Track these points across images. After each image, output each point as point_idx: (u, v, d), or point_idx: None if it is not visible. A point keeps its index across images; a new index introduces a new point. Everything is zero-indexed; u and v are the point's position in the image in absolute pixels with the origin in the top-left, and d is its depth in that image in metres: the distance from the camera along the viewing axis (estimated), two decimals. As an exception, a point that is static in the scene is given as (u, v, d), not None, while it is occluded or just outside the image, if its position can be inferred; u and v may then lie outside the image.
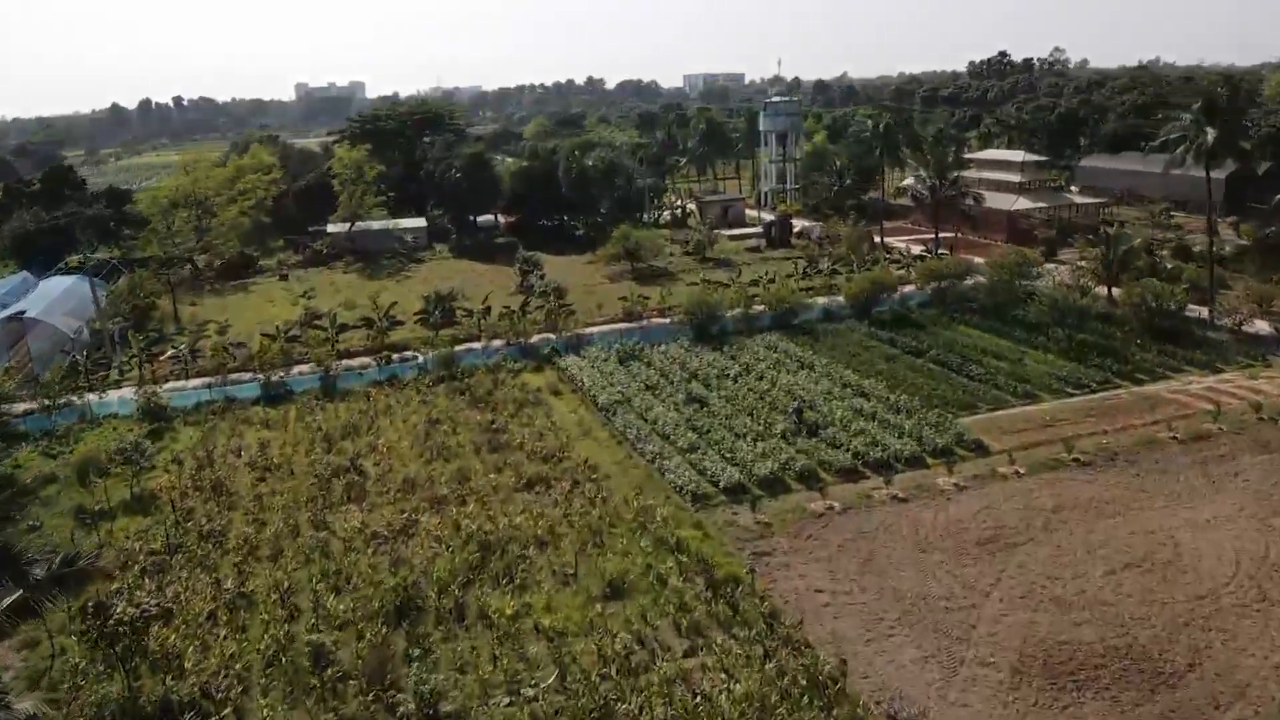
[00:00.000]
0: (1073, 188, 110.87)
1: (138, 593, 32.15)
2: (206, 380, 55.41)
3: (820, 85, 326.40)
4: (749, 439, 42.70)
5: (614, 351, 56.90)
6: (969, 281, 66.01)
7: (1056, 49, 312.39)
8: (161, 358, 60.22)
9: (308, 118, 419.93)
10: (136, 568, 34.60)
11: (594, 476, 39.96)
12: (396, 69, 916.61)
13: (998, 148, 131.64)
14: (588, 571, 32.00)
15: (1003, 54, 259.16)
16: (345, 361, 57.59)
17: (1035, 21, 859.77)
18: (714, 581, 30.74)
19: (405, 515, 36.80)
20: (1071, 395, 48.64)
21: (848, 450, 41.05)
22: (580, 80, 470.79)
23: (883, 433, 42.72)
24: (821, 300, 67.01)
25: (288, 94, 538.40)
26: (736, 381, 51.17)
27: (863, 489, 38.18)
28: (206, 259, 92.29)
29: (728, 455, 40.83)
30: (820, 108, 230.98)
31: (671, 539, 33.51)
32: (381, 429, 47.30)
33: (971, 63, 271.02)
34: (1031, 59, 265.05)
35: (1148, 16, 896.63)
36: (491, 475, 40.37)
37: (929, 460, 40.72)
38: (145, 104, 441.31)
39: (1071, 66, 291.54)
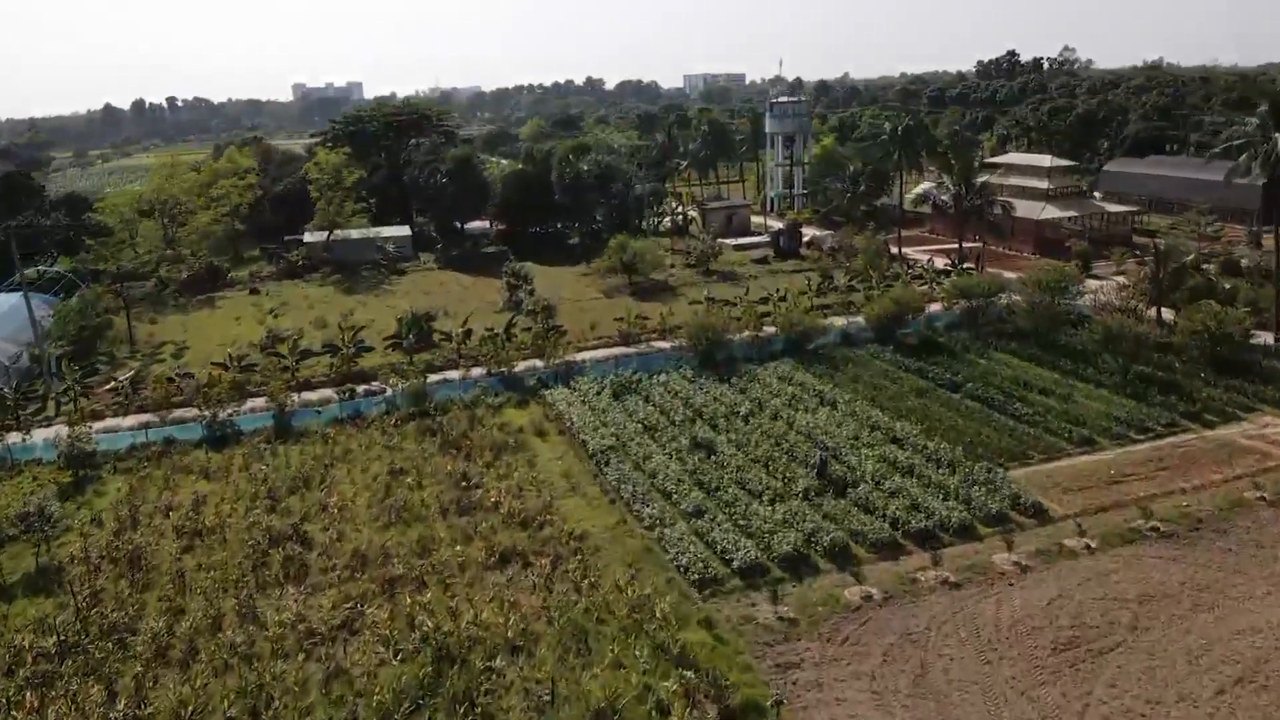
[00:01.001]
0: (1095, 193, 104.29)
1: (15, 713, 26.04)
2: (147, 418, 48.89)
3: (822, 85, 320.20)
4: (765, 499, 36.19)
5: (608, 383, 50.37)
6: (1002, 300, 59.50)
7: (1066, 48, 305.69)
8: (101, 389, 53.63)
9: (304, 118, 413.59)
10: (21, 674, 28.19)
11: (580, 549, 33.42)
12: (395, 69, 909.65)
13: (1015, 150, 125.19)
14: (569, 693, 25.44)
15: (1011, 53, 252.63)
16: (305, 395, 51.15)
17: (1036, 22, 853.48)
18: (729, 712, 24.22)
19: (350, 605, 30.26)
20: (1135, 441, 42.12)
21: (884, 516, 34.49)
22: (579, 80, 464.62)
23: (923, 492, 36.16)
24: (839, 321, 60.48)
25: (285, 95, 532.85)
26: (748, 422, 44.63)
27: (906, 569, 31.62)
28: (168, 271, 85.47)
29: (741, 522, 34.26)
30: (823, 108, 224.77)
31: (674, 645, 26.94)
32: (336, 481, 40.72)
33: (980, 62, 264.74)
34: (1041, 58, 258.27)
35: (1149, 17, 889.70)
36: (458, 547, 33.81)
37: (981, 529, 34.18)
38: (139, 104, 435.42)
39: (1077, 67, 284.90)
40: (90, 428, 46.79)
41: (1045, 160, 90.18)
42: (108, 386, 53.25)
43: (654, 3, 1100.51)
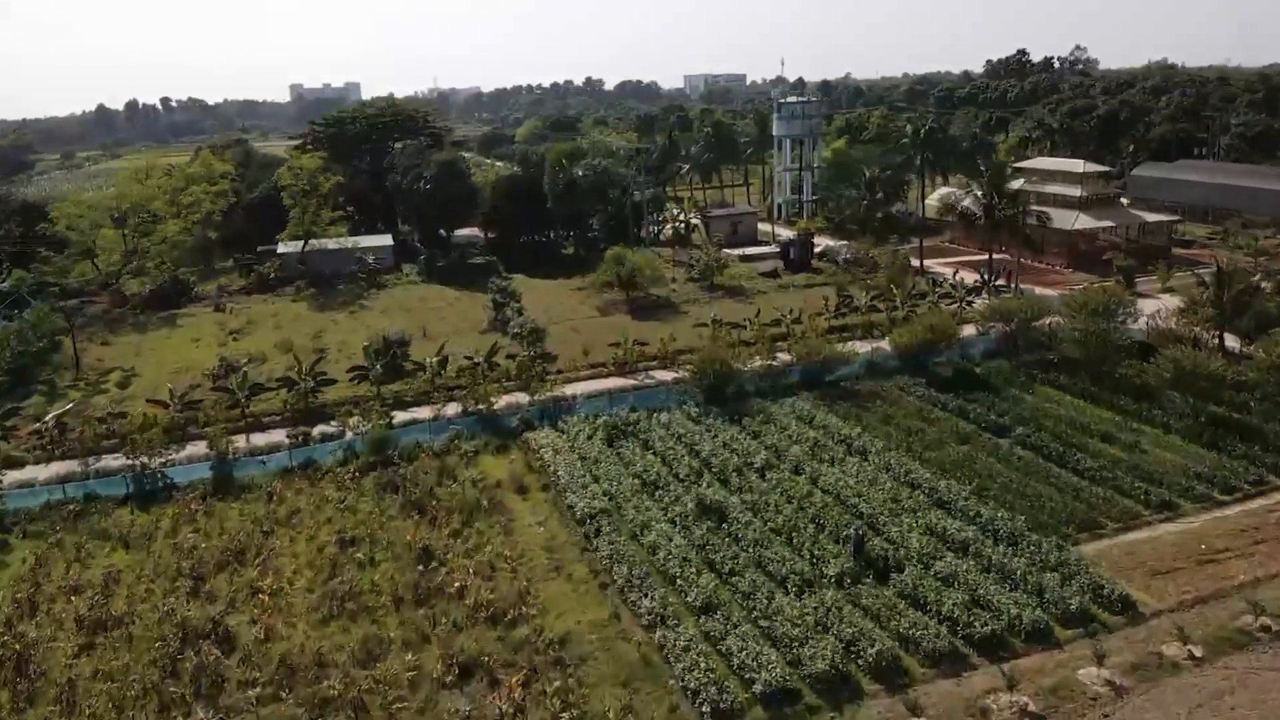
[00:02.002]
0: (1123, 200, 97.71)
1: None
2: (70, 467, 42.36)
3: (825, 86, 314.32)
4: (791, 586, 29.69)
5: (601, 425, 43.86)
6: (1047, 323, 53.00)
7: (1078, 47, 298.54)
8: (24, 431, 47.06)
9: (301, 120, 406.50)
10: None
11: (562, 658, 26.91)
12: (394, 69, 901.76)
13: (1037, 153, 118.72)
14: None
15: (1021, 52, 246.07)
16: (254, 438, 44.68)
17: (1038, 22, 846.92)
18: None
19: (267, 742, 23.84)
20: (1221, 504, 35.74)
21: (939, 615, 27.98)
22: (579, 81, 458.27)
23: (984, 579, 29.65)
24: (862, 348, 53.90)
25: (283, 95, 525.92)
26: (764, 476, 38.11)
27: (973, 693, 25.10)
28: (124, 285, 79.30)
29: (763, 623, 27.76)
30: (827, 109, 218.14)
31: (681, 819, 20.49)
32: (275, 553, 34.22)
33: (988, 61, 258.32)
34: (1052, 58, 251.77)
35: (1150, 17, 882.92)
36: (410, 655, 27.30)
37: (1059, 632, 27.68)
38: (132, 105, 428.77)
39: (1082, 67, 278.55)
40: (3, 480, 40.42)
41: (1078, 165, 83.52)
42: (31, 428, 46.73)
43: (654, 3, 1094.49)
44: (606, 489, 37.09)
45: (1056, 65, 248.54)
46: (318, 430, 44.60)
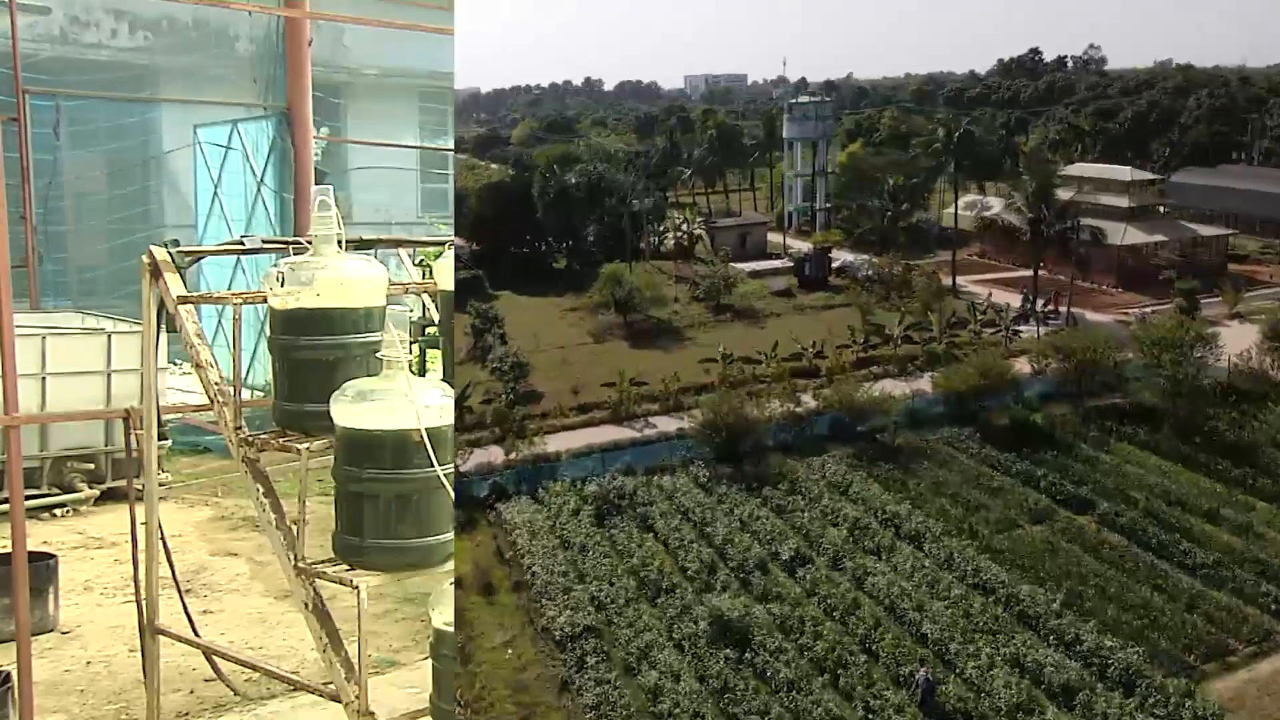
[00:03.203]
0: (1159, 209, 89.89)
1: None
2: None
3: (828, 85, 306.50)
4: (840, 758, 22.00)
5: (591, 495, 36.12)
6: (1115, 360, 45.43)
7: (1092, 46, 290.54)
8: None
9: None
10: None
11: None
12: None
13: (1064, 158, 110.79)
14: None
15: (1035, 50, 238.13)
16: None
17: (1042, 20, 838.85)
18: None
19: None
20: (1375, 614, 28.07)
21: (1050, 815, 20.28)
22: (578, 81, 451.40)
23: (1102, 750, 21.95)
24: (896, 388, 46.27)
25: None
26: (795, 575, 30.36)
27: None
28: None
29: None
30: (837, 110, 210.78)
31: None
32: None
33: (1000, 60, 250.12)
34: (1065, 56, 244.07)
35: (1155, 17, 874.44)
36: None
37: (1220, 843, 19.99)
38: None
39: (1094, 66, 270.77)
40: None
41: (1124, 173, 75.89)
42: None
43: (654, 3, 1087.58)
44: (594, 593, 29.28)
45: (1070, 64, 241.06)
46: (246, 501, 36.87)
